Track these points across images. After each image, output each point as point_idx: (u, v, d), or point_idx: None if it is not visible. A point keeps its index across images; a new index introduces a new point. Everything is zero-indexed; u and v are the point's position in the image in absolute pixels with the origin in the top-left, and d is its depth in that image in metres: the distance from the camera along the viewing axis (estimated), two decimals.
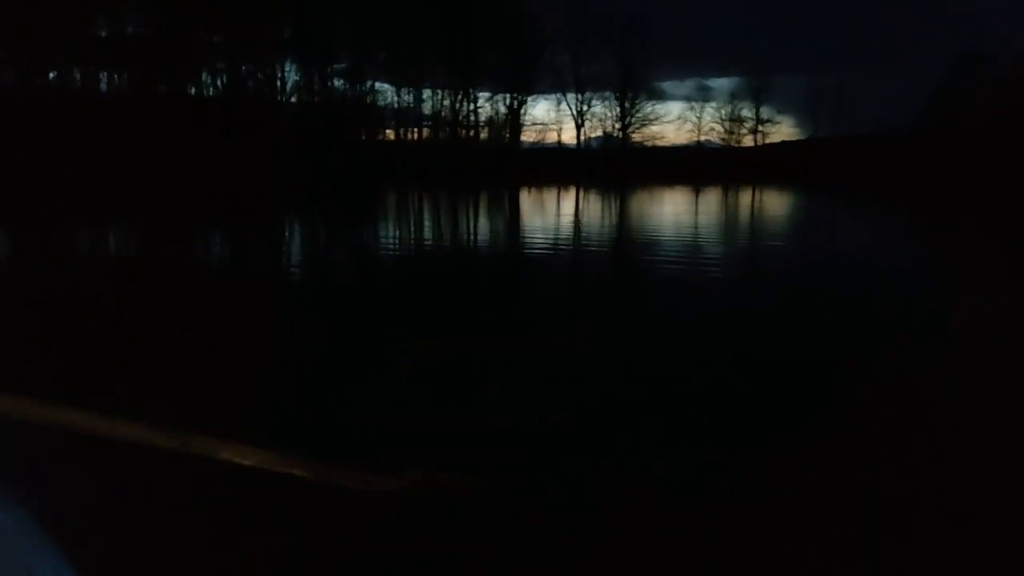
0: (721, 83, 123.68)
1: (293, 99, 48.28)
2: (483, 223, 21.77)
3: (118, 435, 1.68)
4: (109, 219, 21.01)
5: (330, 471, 2.13)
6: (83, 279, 10.84)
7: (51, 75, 40.60)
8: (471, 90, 53.59)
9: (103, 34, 43.67)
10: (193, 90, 44.38)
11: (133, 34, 42.94)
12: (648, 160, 56.31)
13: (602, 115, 59.88)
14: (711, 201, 32.11)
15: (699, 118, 65.33)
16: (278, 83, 47.14)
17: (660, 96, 62.09)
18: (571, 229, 18.97)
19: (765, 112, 64.70)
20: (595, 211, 26.51)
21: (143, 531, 3.01)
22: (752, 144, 64.90)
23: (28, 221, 20.24)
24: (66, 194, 25.92)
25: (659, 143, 62.00)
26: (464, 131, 54.35)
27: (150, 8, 42.62)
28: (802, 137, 67.15)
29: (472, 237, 17.41)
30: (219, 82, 45.78)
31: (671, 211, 26.09)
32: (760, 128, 64.48)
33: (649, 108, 60.40)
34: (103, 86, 42.91)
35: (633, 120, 59.34)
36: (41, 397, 1.73)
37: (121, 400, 2.42)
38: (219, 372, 5.43)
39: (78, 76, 41.69)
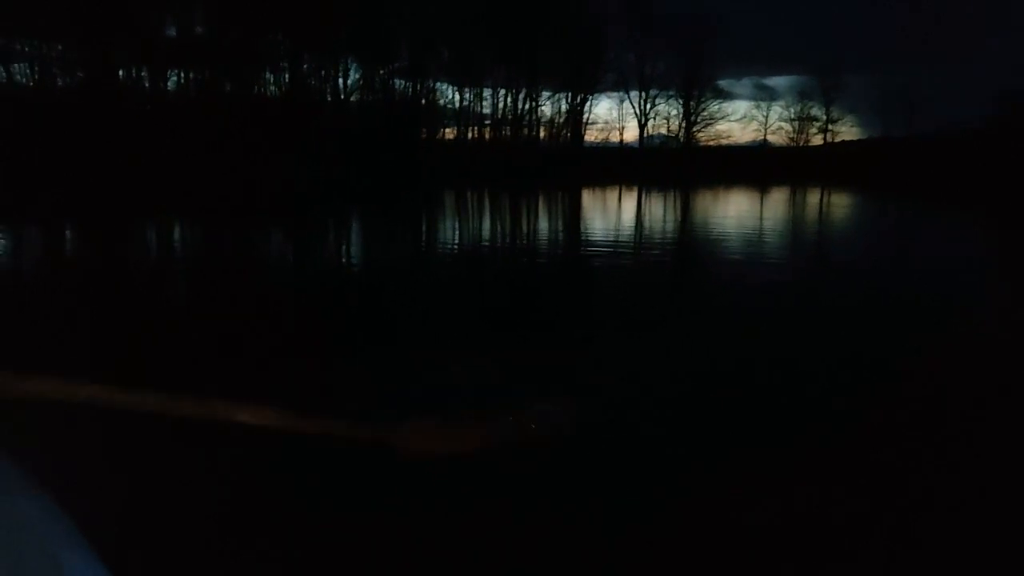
0: (782, 81, 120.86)
1: (353, 98, 48.28)
2: (550, 224, 21.00)
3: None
4: (181, 217, 20.92)
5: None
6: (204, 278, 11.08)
7: (119, 74, 41.18)
8: (532, 89, 52.94)
9: (170, 34, 44.31)
10: (255, 89, 44.60)
11: (199, 34, 43.38)
12: (712, 159, 54.85)
13: (665, 113, 58.60)
14: (781, 202, 30.80)
15: (766, 117, 63.53)
16: (339, 82, 47.23)
17: (725, 94, 60.42)
18: (643, 231, 18.08)
19: (835, 111, 62.54)
20: (663, 212, 25.51)
21: None
22: (820, 143, 62.81)
23: (105, 218, 20.25)
24: (132, 192, 26.04)
25: (724, 142, 60.47)
26: (525, 130, 53.69)
27: (215, 9, 43.01)
28: (868, 136, 64.66)
29: (542, 239, 16.67)
30: (281, 81, 45.99)
31: (745, 213, 24.92)
32: (830, 127, 62.36)
33: (715, 106, 58.93)
34: (170, 85, 43.46)
35: (698, 119, 57.96)
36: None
37: None
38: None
39: (145, 76, 42.25)
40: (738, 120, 62.43)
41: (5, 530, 1.40)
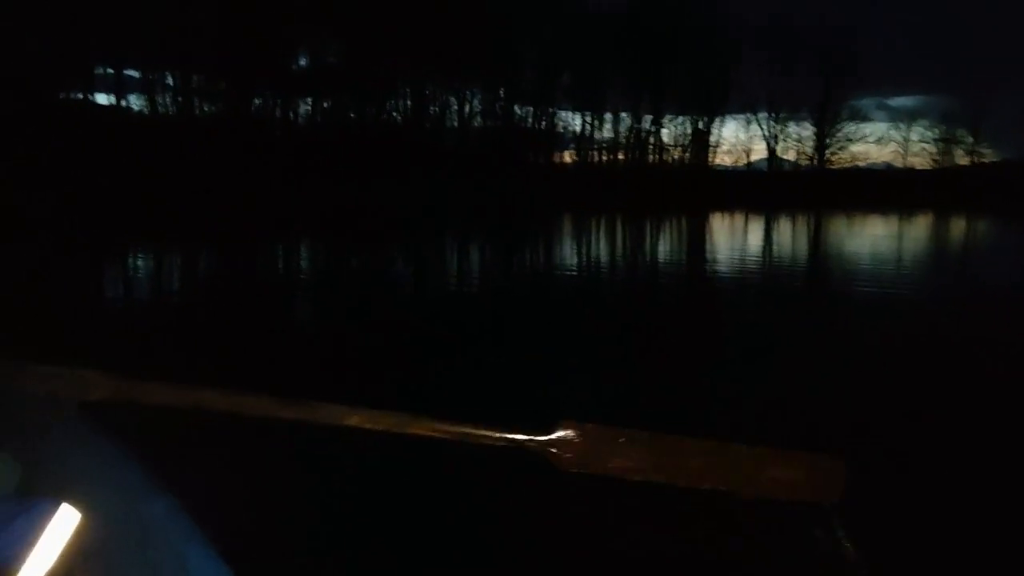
0: (910, 101, 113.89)
1: (476, 123, 48.50)
2: (688, 253, 19.68)
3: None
4: (319, 237, 21.06)
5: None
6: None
7: (254, 103, 42.84)
8: (657, 112, 51.58)
9: (301, 64, 45.91)
10: (380, 116, 45.45)
11: (328, 64, 44.68)
12: (847, 183, 51.64)
13: (796, 135, 55.69)
14: (925, 230, 28.18)
15: (905, 138, 59.53)
16: (465, 108, 47.58)
17: (861, 115, 56.86)
18: (781, 262, 16.54)
19: (979, 133, 57.79)
20: (797, 240, 23.67)
21: None
22: (967, 163, 58.24)
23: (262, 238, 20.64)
24: (268, 212, 26.54)
25: (859, 164, 56.97)
26: (650, 154, 52.37)
27: (344, 40, 44.22)
28: (1003, 159, 59.01)
29: (677, 267, 15.44)
30: (403, 107, 46.73)
31: (909, 248, 22.75)
32: (975, 149, 57.74)
33: (852, 128, 55.61)
34: (299, 113, 44.92)
35: (831, 141, 54.86)
36: None
37: None
38: None
39: (276, 104, 43.80)
40: (874, 142, 58.49)
41: (135, 529, 1.56)
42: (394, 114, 46.05)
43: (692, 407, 5.27)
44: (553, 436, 1.67)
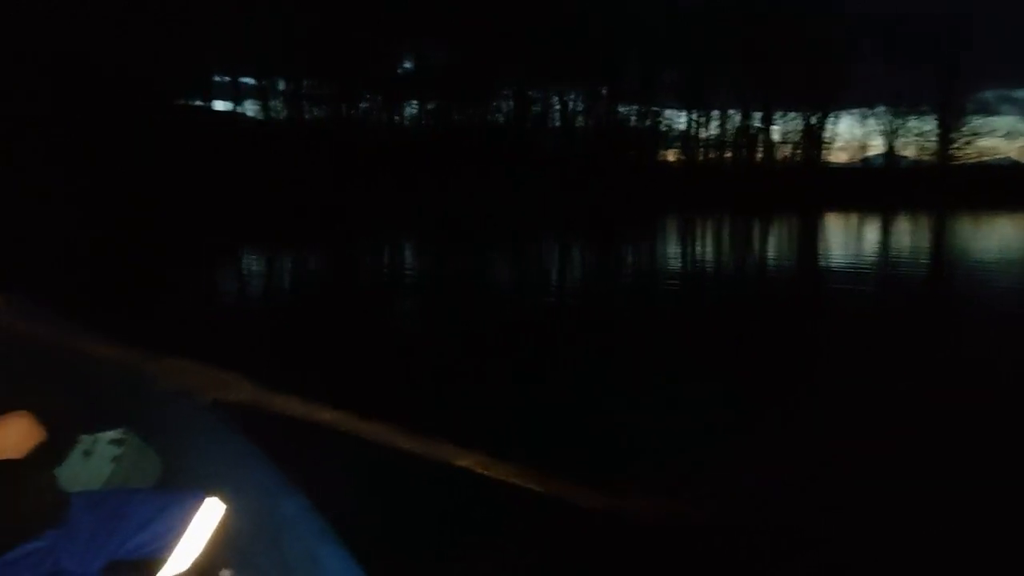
0: None
1: (578, 123, 47.99)
2: (821, 257, 18.69)
3: None
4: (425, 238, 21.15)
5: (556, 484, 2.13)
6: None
7: (361, 106, 43.70)
8: (766, 108, 49.74)
9: (406, 67, 46.58)
10: (483, 118, 45.54)
11: (433, 66, 45.10)
12: (971, 180, 48.36)
13: (917, 130, 52.56)
14: None
15: None
16: (567, 108, 47.17)
17: (988, 109, 53.22)
18: (918, 269, 15.40)
19: None
20: (939, 242, 22.18)
21: None
22: None
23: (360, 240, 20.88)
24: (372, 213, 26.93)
25: (985, 160, 53.26)
26: (758, 151, 50.56)
27: (448, 43, 44.56)
28: None
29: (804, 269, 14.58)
30: (506, 108, 46.67)
31: None
32: None
33: (979, 121, 52.12)
34: (405, 115, 45.53)
35: (955, 136, 51.54)
36: None
37: None
38: None
39: (383, 107, 44.53)
40: (1003, 136, 54.14)
41: (270, 525, 1.63)
42: (497, 115, 46.07)
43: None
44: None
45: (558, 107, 47.47)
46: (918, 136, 52.45)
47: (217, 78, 42.45)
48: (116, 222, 20.33)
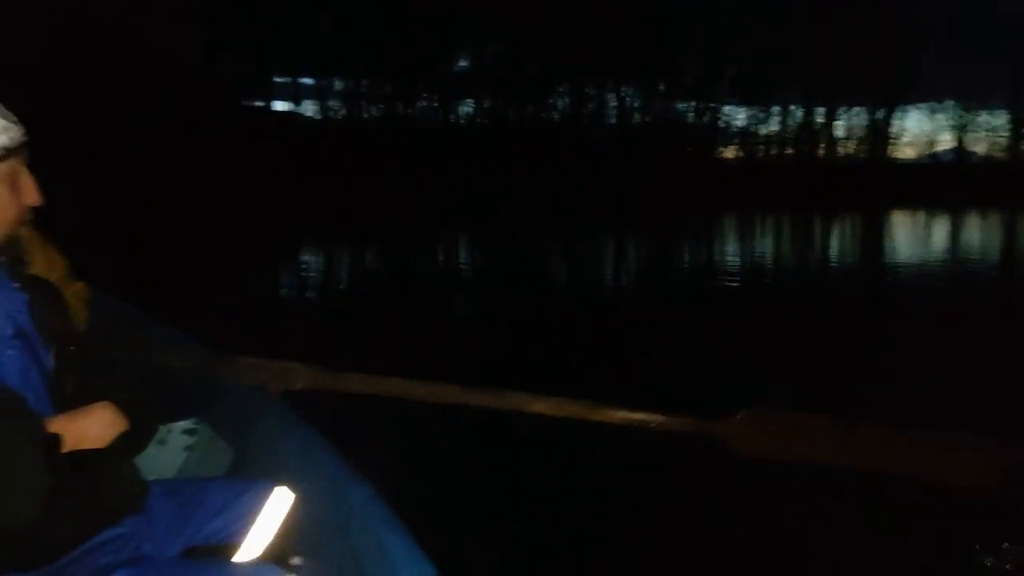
0: None
1: (635, 120, 47.52)
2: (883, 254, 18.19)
3: None
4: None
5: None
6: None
7: (418, 105, 44.08)
8: (829, 103, 48.53)
9: (462, 65, 46.79)
10: (539, 115, 45.43)
11: (489, 64, 45.22)
12: None
13: (987, 125, 50.70)
14: None
15: None
16: (624, 103, 46.76)
17: None
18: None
19: None
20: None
21: None
22: None
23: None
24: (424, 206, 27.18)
25: None
26: (820, 148, 49.38)
27: (504, 41, 44.61)
28: None
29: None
30: (562, 106, 46.46)
31: None
32: None
33: None
34: (461, 114, 45.70)
35: None
36: None
37: None
38: None
39: (437, 105, 44.81)
40: None
41: (337, 513, 1.67)
42: (553, 113, 45.90)
43: None
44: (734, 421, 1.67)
45: (614, 104, 47.13)
46: (989, 131, 50.70)
47: (277, 79, 43.46)
48: (183, 221, 20.86)
